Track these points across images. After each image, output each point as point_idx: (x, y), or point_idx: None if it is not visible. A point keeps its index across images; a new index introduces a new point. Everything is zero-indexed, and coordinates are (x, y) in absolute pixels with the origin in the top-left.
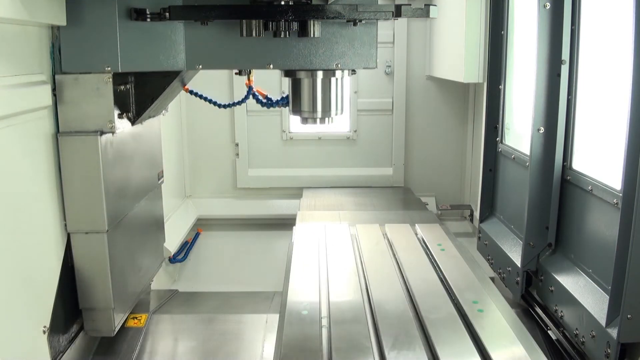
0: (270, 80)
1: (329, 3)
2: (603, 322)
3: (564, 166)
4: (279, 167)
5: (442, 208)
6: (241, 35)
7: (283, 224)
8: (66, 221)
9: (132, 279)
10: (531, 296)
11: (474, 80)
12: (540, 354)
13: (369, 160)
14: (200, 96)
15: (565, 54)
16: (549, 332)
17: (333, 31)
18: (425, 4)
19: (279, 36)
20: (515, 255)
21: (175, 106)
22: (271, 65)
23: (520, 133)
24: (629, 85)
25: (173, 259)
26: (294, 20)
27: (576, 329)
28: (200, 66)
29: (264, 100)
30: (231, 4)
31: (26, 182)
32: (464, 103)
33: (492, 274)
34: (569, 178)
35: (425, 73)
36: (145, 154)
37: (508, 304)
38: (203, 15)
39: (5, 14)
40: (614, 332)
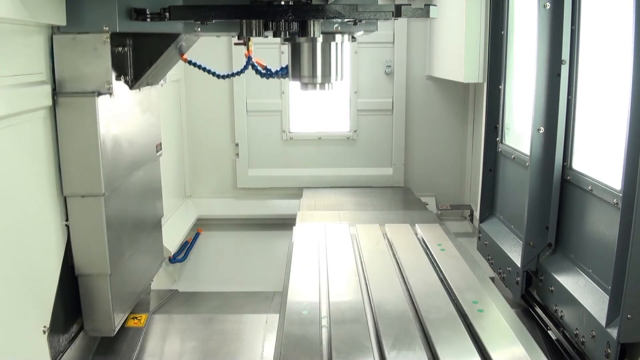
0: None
1: (329, 3)
2: (603, 322)
3: (564, 166)
4: (279, 167)
5: (442, 208)
6: (241, 34)
7: (283, 224)
8: (62, 184)
9: (128, 246)
10: (531, 296)
11: (474, 80)
12: (540, 354)
13: (369, 160)
14: (199, 66)
15: (565, 54)
16: (549, 332)
17: None
18: (425, 4)
19: (279, 36)
20: (515, 255)
21: (175, 106)
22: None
23: (520, 133)
24: (629, 85)
25: (173, 259)
26: (294, 20)
27: (576, 329)
28: (199, 29)
29: (263, 70)
30: (231, 3)
31: (26, 182)
32: (464, 103)
33: (492, 274)
34: (569, 178)
35: (425, 73)
36: (143, 124)
37: (508, 304)
38: (203, 15)
39: (5, 14)
40: (614, 332)
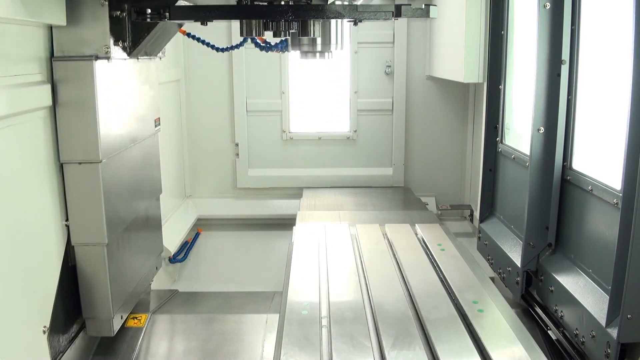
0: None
1: (328, 3)
2: (603, 322)
3: (564, 166)
4: (279, 167)
5: (442, 208)
6: (241, 35)
7: (283, 224)
8: (59, 151)
9: (125, 217)
10: (531, 296)
11: (474, 80)
12: (540, 353)
13: (369, 160)
14: (198, 39)
15: (565, 54)
16: (549, 332)
17: None
18: (425, 4)
19: (279, 36)
20: (515, 255)
21: (175, 106)
22: None
23: (520, 133)
24: (629, 85)
25: (173, 259)
26: (294, 20)
27: (576, 329)
28: None
29: (263, 44)
30: (231, 4)
31: (26, 182)
32: (464, 103)
33: (492, 274)
34: (569, 178)
35: (425, 73)
36: (142, 96)
37: (508, 304)
38: (203, 15)
39: (5, 14)
40: (614, 332)
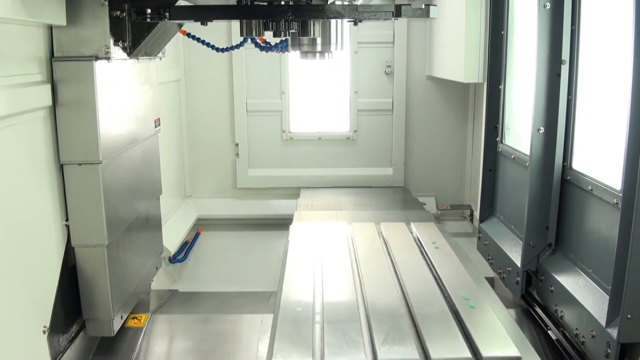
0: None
1: (328, 3)
2: (603, 322)
3: (564, 166)
4: (279, 167)
5: (442, 208)
6: (241, 35)
7: (283, 224)
8: (59, 152)
9: (125, 218)
10: (531, 296)
11: (474, 80)
12: (531, 350)
13: (369, 160)
14: (198, 39)
15: (565, 54)
16: (549, 332)
17: None
18: (425, 4)
19: (279, 36)
20: (515, 255)
21: (175, 106)
22: None
23: (520, 133)
24: (629, 85)
25: (173, 259)
26: (293, 20)
27: (576, 329)
28: None
29: (263, 44)
30: (231, 4)
31: (26, 182)
32: (464, 103)
33: (492, 273)
34: (569, 178)
35: (425, 73)
36: (142, 96)
37: (501, 301)
38: (203, 15)
39: (5, 14)
40: (614, 332)
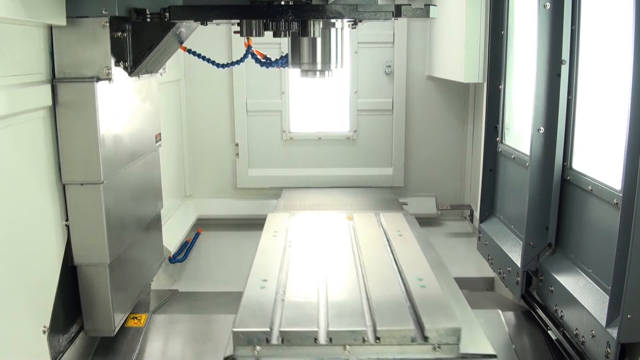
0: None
1: (329, 3)
2: (603, 322)
3: (564, 166)
4: (279, 167)
5: (442, 208)
6: (241, 35)
7: None
8: (61, 172)
9: (127, 236)
10: (531, 296)
11: (474, 80)
12: (476, 322)
13: (369, 160)
14: (199, 55)
15: (565, 54)
16: (549, 332)
17: None
18: (425, 4)
19: (279, 36)
20: (515, 255)
21: (175, 106)
22: None
23: (520, 133)
24: (629, 85)
25: (173, 259)
26: (293, 20)
27: (576, 329)
28: None
29: (263, 60)
30: (231, 3)
31: (26, 182)
32: (464, 103)
33: (492, 273)
34: (569, 178)
35: (425, 73)
36: (143, 113)
37: (455, 282)
38: (203, 15)
39: (5, 14)
40: (614, 332)
